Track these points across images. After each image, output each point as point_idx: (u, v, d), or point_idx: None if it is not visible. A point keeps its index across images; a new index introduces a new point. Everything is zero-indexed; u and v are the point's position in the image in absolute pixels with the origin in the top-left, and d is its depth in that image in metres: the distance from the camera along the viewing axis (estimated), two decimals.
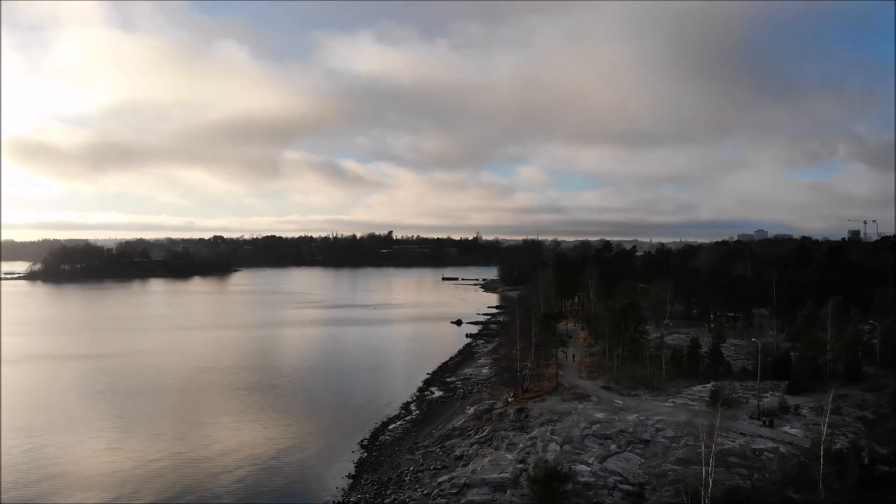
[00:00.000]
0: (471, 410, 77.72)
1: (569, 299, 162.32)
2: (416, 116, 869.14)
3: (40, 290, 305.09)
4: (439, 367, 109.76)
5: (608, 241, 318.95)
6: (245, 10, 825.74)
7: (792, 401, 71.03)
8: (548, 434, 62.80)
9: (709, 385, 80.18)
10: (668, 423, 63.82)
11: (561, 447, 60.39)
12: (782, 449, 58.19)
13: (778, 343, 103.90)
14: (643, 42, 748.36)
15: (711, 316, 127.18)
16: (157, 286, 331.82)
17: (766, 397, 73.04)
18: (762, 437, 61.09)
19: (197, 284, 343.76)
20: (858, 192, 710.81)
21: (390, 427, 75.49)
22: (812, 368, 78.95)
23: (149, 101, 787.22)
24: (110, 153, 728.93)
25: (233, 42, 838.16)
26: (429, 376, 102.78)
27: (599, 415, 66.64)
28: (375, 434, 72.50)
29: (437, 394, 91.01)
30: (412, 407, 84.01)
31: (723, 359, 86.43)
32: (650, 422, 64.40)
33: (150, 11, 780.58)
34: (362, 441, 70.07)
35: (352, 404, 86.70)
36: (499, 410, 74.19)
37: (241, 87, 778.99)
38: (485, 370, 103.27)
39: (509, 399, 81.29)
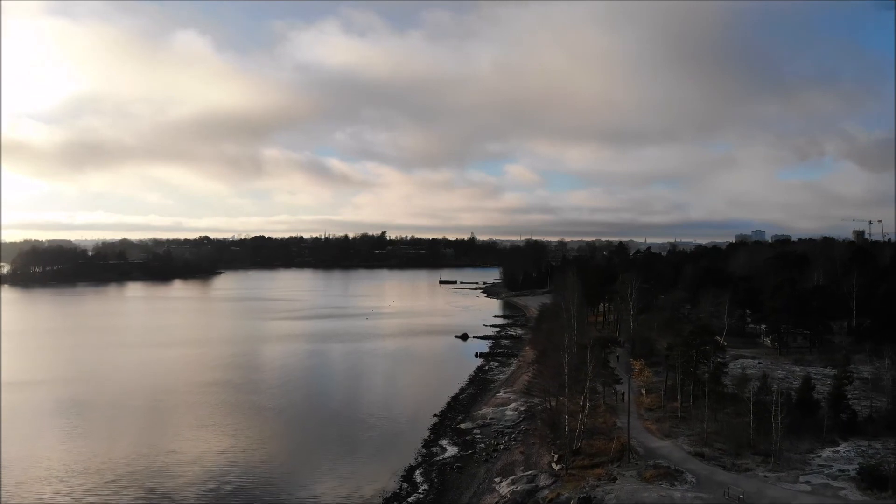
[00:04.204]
0: (503, 488, 53.80)
1: (593, 309, 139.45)
2: (394, 111, 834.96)
3: (4, 295, 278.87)
4: (448, 405, 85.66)
5: (622, 242, 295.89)
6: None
7: None
8: None
9: (841, 448, 56.82)
10: None
11: None
12: None
13: (882, 374, 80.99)
14: (626, 34, 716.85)
15: (778, 335, 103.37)
16: (133, 290, 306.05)
17: None
18: None
19: (176, 289, 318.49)
20: (849, 191, 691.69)
21: None
22: None
23: (111, 96, 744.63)
24: (86, 151, 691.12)
25: (193, 32, 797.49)
26: (436, 419, 78.66)
27: None
28: None
29: (450, 451, 66.89)
30: (417, 476, 59.79)
31: (846, 405, 62.63)
32: None
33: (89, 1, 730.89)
34: None
35: (334, 469, 62.72)
36: (547, 494, 50.22)
37: (207, 80, 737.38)
38: (509, 410, 79.39)
39: (554, 464, 57.65)
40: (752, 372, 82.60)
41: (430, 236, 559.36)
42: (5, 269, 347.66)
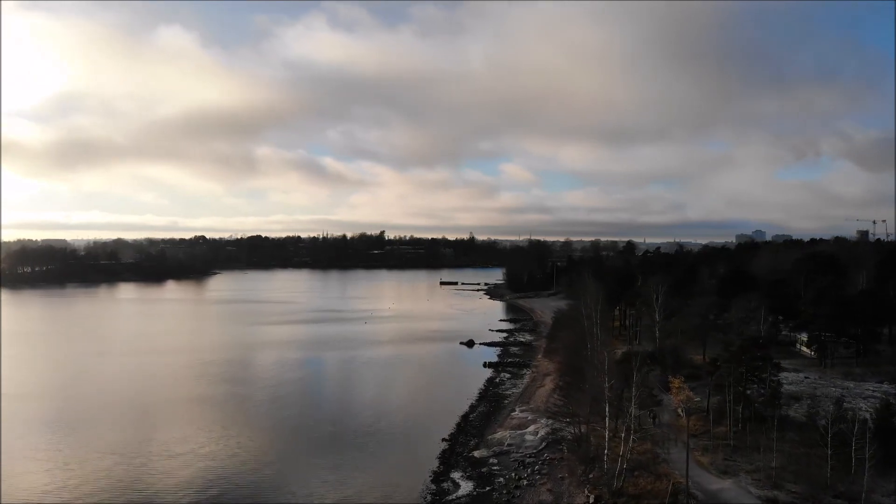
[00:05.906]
0: None
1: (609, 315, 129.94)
2: (385, 109, 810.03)
3: None
4: (458, 426, 75.86)
5: (629, 242, 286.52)
6: None
7: None
8: None
9: None
10: None
11: None
12: None
13: None
14: (623, 32, 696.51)
15: (821, 344, 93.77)
16: (124, 292, 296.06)
17: None
18: None
19: (168, 290, 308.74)
20: (848, 191, 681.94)
21: None
22: None
23: (97, 93, 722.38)
24: (76, 151, 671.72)
25: (178, 27, 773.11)
26: (445, 445, 68.94)
27: None
28: None
29: (464, 487, 57.25)
30: None
31: None
32: None
33: None
34: None
35: None
36: None
37: (194, 76, 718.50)
38: (528, 434, 69.80)
39: None
40: (803, 388, 73.41)
41: (428, 236, 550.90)
42: None
